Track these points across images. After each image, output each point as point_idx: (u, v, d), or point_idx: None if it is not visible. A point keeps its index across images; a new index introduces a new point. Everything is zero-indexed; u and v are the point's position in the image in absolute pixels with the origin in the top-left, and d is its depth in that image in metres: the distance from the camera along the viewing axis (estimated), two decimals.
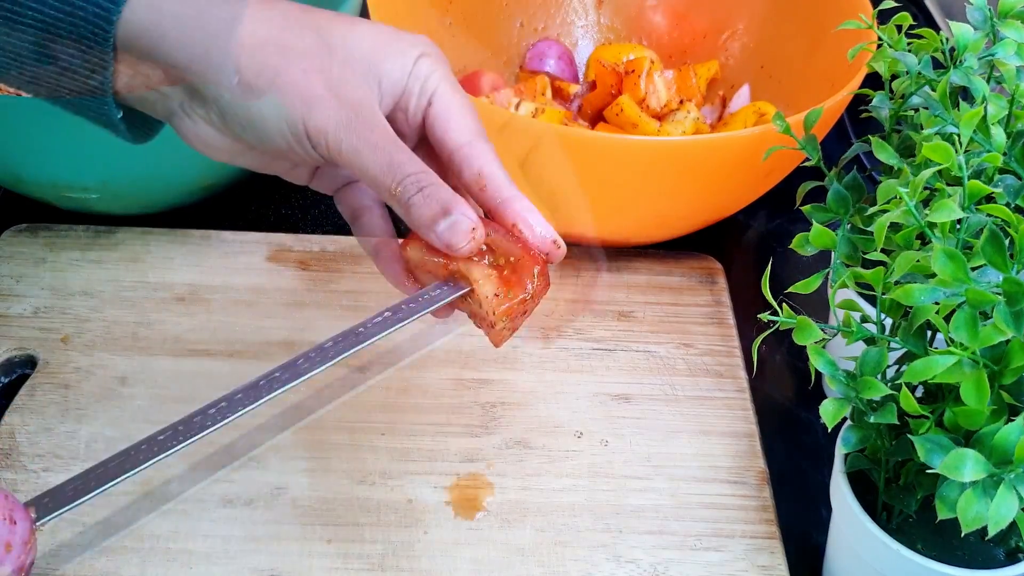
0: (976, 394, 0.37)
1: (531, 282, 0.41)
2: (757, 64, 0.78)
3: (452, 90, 0.42)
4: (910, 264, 0.38)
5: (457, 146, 0.42)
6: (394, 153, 0.40)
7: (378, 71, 0.41)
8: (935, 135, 0.46)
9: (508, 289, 0.41)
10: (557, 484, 0.55)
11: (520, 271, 0.41)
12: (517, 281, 0.41)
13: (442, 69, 0.42)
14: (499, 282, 0.41)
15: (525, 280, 0.41)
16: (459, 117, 0.42)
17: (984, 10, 0.49)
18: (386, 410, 0.58)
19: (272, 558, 0.50)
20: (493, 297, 0.41)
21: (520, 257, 0.41)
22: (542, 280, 0.42)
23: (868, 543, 0.44)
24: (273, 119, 0.39)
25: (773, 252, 0.72)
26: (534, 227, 0.42)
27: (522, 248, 0.41)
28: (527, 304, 0.41)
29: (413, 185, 0.40)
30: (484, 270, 0.41)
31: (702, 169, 0.58)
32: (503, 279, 0.41)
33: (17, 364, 0.60)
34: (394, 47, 0.42)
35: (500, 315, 0.41)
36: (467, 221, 0.40)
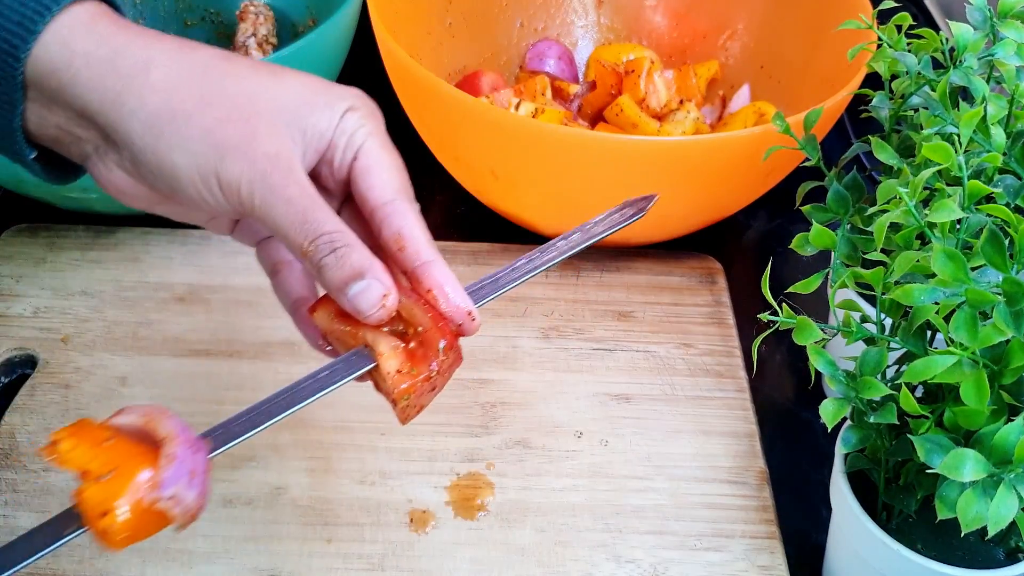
0: (976, 394, 0.37)
1: (436, 360, 0.38)
2: (757, 64, 0.78)
3: (380, 146, 0.41)
4: (910, 264, 0.38)
5: (379, 204, 0.40)
6: (309, 209, 0.38)
7: (302, 123, 0.39)
8: (935, 135, 0.46)
9: (413, 365, 0.38)
10: (557, 484, 0.55)
11: (427, 345, 0.38)
12: (423, 356, 0.38)
13: (371, 124, 0.41)
14: (404, 356, 0.38)
15: (430, 356, 0.38)
16: (383, 174, 0.40)
17: (984, 10, 0.49)
18: (386, 410, 0.57)
19: (272, 558, 0.50)
20: (395, 374, 0.38)
21: (429, 329, 0.39)
22: (451, 355, 0.39)
23: (868, 543, 0.44)
24: (184, 168, 0.37)
25: (773, 252, 0.72)
26: (448, 295, 0.39)
27: (432, 319, 0.39)
28: (434, 381, 0.39)
29: (327, 245, 0.38)
30: (391, 342, 0.39)
31: (702, 169, 0.58)
32: (409, 353, 0.38)
33: (17, 364, 0.60)
34: (321, 99, 0.40)
35: (402, 393, 0.38)
36: (379, 287, 0.38)
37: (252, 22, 0.76)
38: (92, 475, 0.34)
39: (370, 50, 0.67)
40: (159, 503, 0.35)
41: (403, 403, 0.38)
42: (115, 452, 0.35)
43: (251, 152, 0.37)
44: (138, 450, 0.35)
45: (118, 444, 0.35)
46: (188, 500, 0.36)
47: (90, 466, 0.34)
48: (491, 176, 0.63)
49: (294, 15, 0.79)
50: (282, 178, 0.38)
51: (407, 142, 0.74)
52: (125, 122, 0.37)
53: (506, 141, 0.59)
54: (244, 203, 0.38)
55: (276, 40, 0.77)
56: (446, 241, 0.69)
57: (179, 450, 0.35)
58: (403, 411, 0.39)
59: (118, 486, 0.34)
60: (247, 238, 0.45)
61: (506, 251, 0.68)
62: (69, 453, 0.35)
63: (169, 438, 0.36)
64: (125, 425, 0.37)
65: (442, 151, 0.67)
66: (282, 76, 0.40)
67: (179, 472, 0.35)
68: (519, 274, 0.43)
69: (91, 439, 0.35)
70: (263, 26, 0.76)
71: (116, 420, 0.37)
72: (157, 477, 0.35)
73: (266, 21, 0.76)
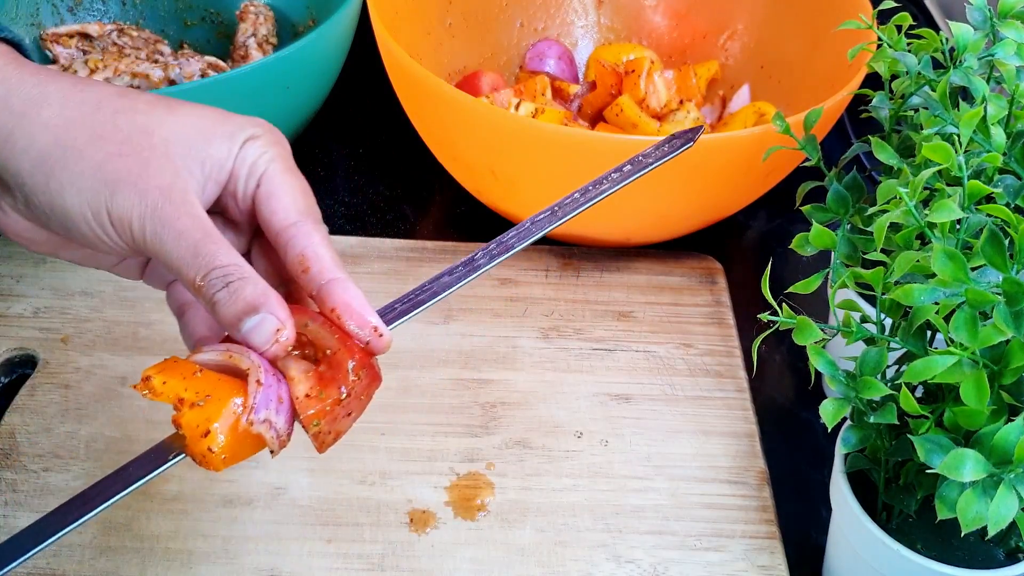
0: (976, 394, 0.37)
1: (345, 384, 0.37)
2: (757, 64, 0.78)
3: (283, 170, 0.40)
4: (910, 264, 0.38)
5: (282, 227, 0.39)
6: (202, 243, 0.37)
7: (200, 155, 0.38)
8: (935, 135, 0.46)
9: (322, 389, 0.37)
10: (557, 484, 0.55)
11: (336, 368, 0.38)
12: (332, 379, 0.38)
13: (274, 151, 0.40)
14: (315, 380, 0.38)
15: (340, 379, 0.38)
16: (285, 197, 0.40)
17: (984, 10, 0.49)
18: (386, 410, 0.58)
19: (272, 558, 0.50)
20: (304, 398, 0.37)
21: (337, 351, 0.38)
22: (365, 375, 0.38)
23: (868, 543, 0.44)
24: (76, 206, 0.37)
25: (773, 252, 0.72)
26: (354, 313, 0.38)
27: (340, 340, 0.38)
28: (348, 405, 0.38)
29: (220, 280, 0.37)
30: (301, 366, 0.38)
31: (702, 169, 0.58)
32: (319, 376, 0.38)
33: (17, 364, 0.60)
34: (220, 129, 0.39)
35: (311, 419, 0.37)
36: (273, 321, 0.37)
37: (252, 22, 0.76)
38: (187, 402, 0.36)
39: (370, 50, 0.67)
40: (254, 426, 0.36)
41: (314, 429, 0.38)
42: (205, 382, 0.37)
43: (142, 185, 0.37)
44: (227, 380, 0.37)
45: (206, 375, 0.37)
46: (279, 424, 0.37)
47: (184, 395, 0.36)
48: (491, 176, 0.63)
49: (294, 15, 0.79)
50: (174, 210, 0.37)
51: (407, 142, 0.75)
52: (16, 161, 0.37)
53: (506, 141, 0.59)
54: (136, 238, 0.37)
55: (276, 40, 0.77)
56: (446, 241, 0.69)
57: (266, 377, 0.37)
58: (316, 437, 0.38)
59: (214, 409, 0.36)
60: (156, 281, 0.44)
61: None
62: (163, 386, 0.36)
63: (254, 367, 0.37)
64: (208, 361, 0.38)
65: (442, 151, 0.67)
66: (178, 109, 0.39)
67: (268, 396, 0.36)
68: (538, 229, 0.43)
69: (181, 372, 0.37)
70: (263, 26, 0.76)
71: (198, 357, 0.38)
72: (249, 401, 0.36)
73: (266, 21, 0.76)
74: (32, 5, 0.77)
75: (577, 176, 0.59)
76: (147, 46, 0.75)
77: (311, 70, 0.66)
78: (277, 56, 0.62)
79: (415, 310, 0.41)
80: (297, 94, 0.66)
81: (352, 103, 0.83)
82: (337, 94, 0.72)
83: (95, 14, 0.79)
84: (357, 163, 0.78)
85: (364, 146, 0.80)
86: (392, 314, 0.40)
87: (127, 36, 0.76)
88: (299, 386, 0.37)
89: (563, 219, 0.43)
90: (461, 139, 0.63)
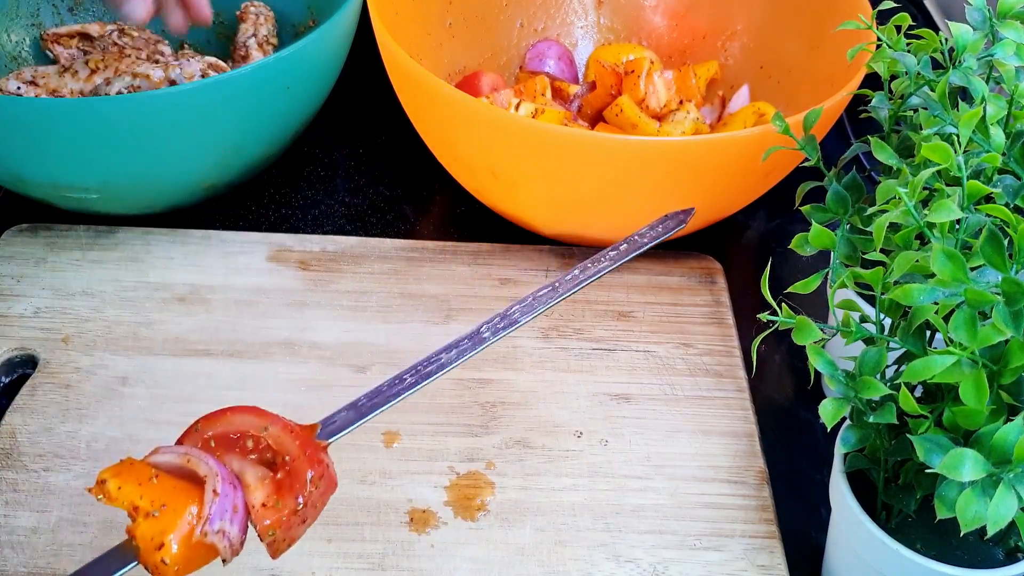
0: (975, 394, 0.37)
1: (302, 494, 0.38)
2: (757, 64, 0.78)
3: None
4: (909, 264, 0.38)
5: None
6: None
7: None
8: (934, 135, 0.46)
9: (279, 498, 0.38)
10: (557, 484, 0.55)
11: (294, 476, 0.38)
12: (289, 488, 0.38)
13: None
14: (272, 488, 0.38)
15: (297, 489, 0.38)
16: None
17: (983, 10, 0.49)
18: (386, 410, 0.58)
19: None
20: (260, 508, 0.37)
21: (296, 458, 0.38)
22: (322, 483, 0.38)
23: (867, 543, 0.44)
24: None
25: (773, 252, 0.72)
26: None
27: (299, 447, 0.38)
28: (305, 512, 0.38)
29: None
30: (258, 472, 0.38)
31: (702, 169, 0.59)
32: (276, 484, 0.38)
33: (18, 364, 0.60)
34: None
35: (266, 529, 0.37)
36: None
37: (252, 22, 0.76)
38: (142, 511, 0.36)
39: (370, 50, 0.67)
40: (208, 536, 0.36)
41: (269, 538, 0.38)
42: (161, 489, 0.37)
43: None
44: (182, 487, 0.37)
45: (162, 481, 0.37)
46: (233, 534, 0.37)
47: (140, 503, 0.36)
48: (491, 176, 0.63)
49: (294, 15, 0.79)
50: None
51: (407, 142, 0.75)
52: None
53: (506, 141, 0.59)
54: None
55: (276, 40, 0.78)
56: (446, 241, 0.69)
57: (222, 487, 0.37)
58: (271, 546, 0.38)
59: (169, 521, 0.36)
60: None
61: (506, 251, 0.69)
62: (118, 491, 0.36)
63: (211, 475, 0.37)
64: (165, 463, 0.38)
65: (442, 151, 0.67)
66: None
67: (224, 507, 0.37)
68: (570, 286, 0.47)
69: (136, 477, 0.37)
70: (263, 26, 0.76)
71: (155, 459, 0.38)
72: (204, 511, 0.36)
73: (266, 21, 0.76)
74: (32, 5, 0.77)
75: (577, 176, 0.59)
76: (148, 46, 0.75)
77: (311, 70, 0.67)
78: (277, 56, 0.62)
79: (423, 382, 0.43)
80: (297, 94, 0.66)
81: (352, 103, 0.83)
82: (337, 94, 0.72)
83: (95, 14, 0.79)
84: (357, 163, 0.78)
85: (364, 146, 0.80)
86: (402, 386, 0.42)
87: (128, 36, 0.76)
88: (255, 494, 0.38)
89: (564, 295, 0.46)
90: (461, 139, 0.63)
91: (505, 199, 0.66)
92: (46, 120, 0.57)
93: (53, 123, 0.57)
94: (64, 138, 0.58)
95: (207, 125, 0.62)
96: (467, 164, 0.65)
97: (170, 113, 0.59)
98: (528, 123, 0.59)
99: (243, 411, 0.40)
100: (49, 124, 0.57)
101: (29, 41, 0.76)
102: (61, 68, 0.69)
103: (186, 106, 0.60)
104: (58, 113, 0.57)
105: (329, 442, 0.40)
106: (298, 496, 0.38)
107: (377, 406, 0.42)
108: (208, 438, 0.39)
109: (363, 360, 0.60)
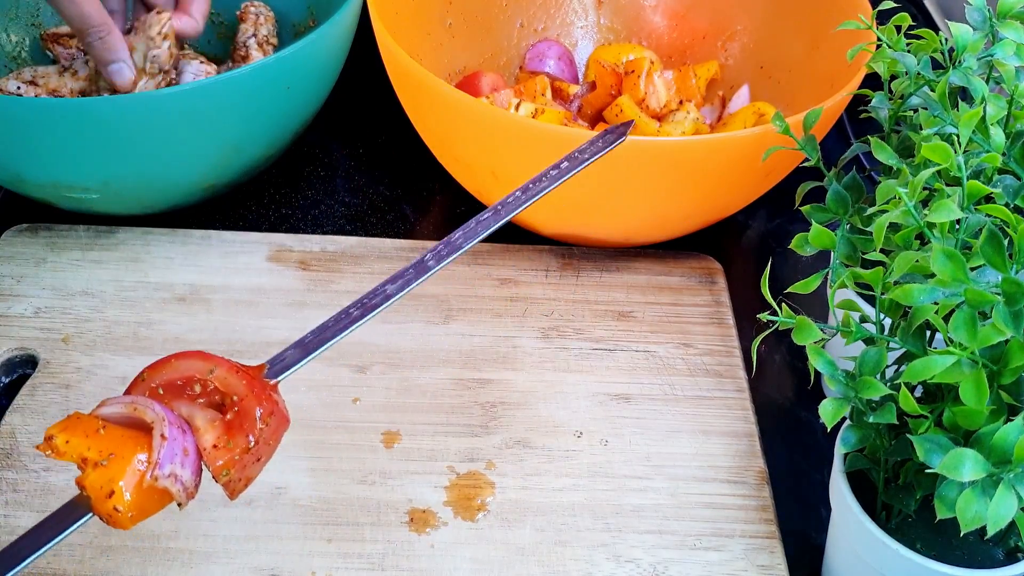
0: (975, 394, 0.37)
1: (253, 432, 0.37)
2: (757, 64, 0.78)
3: None
4: (909, 264, 0.38)
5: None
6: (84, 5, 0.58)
7: None
8: (934, 135, 0.46)
9: (230, 438, 0.37)
10: (557, 484, 0.55)
11: (244, 415, 0.38)
12: (239, 427, 0.38)
13: None
14: (222, 430, 0.38)
15: (247, 427, 0.38)
16: None
17: (983, 11, 0.49)
18: (386, 410, 0.58)
19: (272, 558, 0.50)
20: (212, 449, 0.37)
21: (244, 397, 0.38)
22: (273, 420, 0.38)
23: (867, 543, 0.44)
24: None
25: (773, 252, 0.72)
26: None
27: (247, 386, 0.38)
28: (259, 450, 0.38)
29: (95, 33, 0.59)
30: (207, 415, 0.38)
31: (702, 169, 0.59)
32: (226, 425, 0.38)
33: (18, 364, 0.60)
34: None
35: (220, 469, 0.37)
36: (128, 71, 0.62)
37: (253, 22, 0.76)
38: (91, 461, 0.36)
39: (370, 50, 0.67)
40: (159, 481, 0.36)
41: (224, 478, 0.38)
42: (109, 439, 0.37)
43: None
44: (131, 435, 0.37)
45: (110, 432, 0.37)
46: (185, 477, 0.37)
47: (88, 454, 0.36)
48: (491, 176, 0.63)
49: (294, 15, 0.79)
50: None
51: (407, 142, 0.75)
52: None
53: (506, 141, 0.59)
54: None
55: (276, 40, 0.77)
56: None
57: (170, 431, 0.37)
58: (227, 486, 0.38)
59: (118, 468, 0.36)
60: None
61: (506, 251, 0.69)
62: (65, 445, 0.36)
63: (158, 420, 0.37)
64: (112, 415, 0.38)
65: (442, 151, 0.67)
66: None
67: (173, 450, 0.37)
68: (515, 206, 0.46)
69: (84, 430, 0.37)
70: (264, 26, 0.76)
71: (102, 411, 0.38)
72: (153, 456, 0.36)
73: (266, 21, 0.76)
74: (32, 5, 0.77)
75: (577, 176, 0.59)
76: None
77: (311, 70, 0.67)
78: (277, 56, 0.62)
79: (369, 315, 0.42)
80: (297, 94, 0.66)
81: (352, 103, 0.83)
82: (337, 94, 0.72)
83: None
84: (357, 163, 0.78)
85: (364, 146, 0.80)
86: (347, 320, 0.41)
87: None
88: (206, 436, 0.37)
89: (506, 217, 0.46)
90: (461, 139, 0.63)
91: None
92: (46, 120, 0.57)
93: (53, 123, 0.57)
94: (64, 138, 0.58)
95: (207, 125, 0.62)
96: (467, 164, 0.65)
97: (170, 113, 0.59)
98: (528, 123, 0.59)
99: (188, 356, 0.40)
100: (49, 124, 0.57)
101: (29, 41, 0.76)
102: (61, 68, 0.69)
103: (186, 106, 0.60)
104: (58, 113, 0.57)
105: (277, 380, 0.40)
106: (249, 435, 0.38)
107: (324, 341, 0.41)
108: (155, 387, 0.39)
109: (363, 360, 0.60)
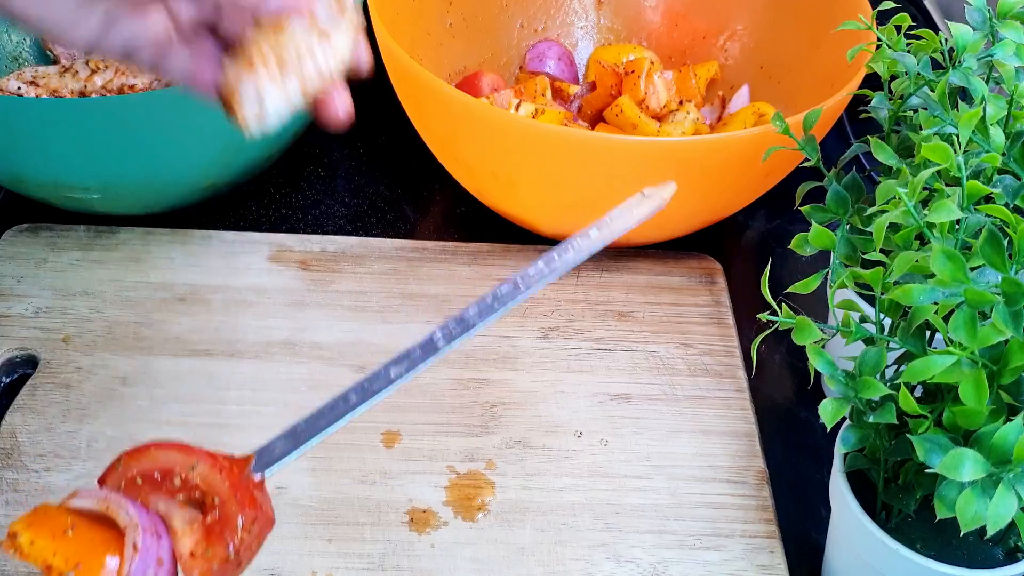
0: (975, 394, 0.37)
1: (234, 541, 0.35)
2: (757, 64, 0.78)
3: None
4: (909, 264, 0.38)
5: None
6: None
7: None
8: (934, 135, 0.46)
9: (209, 545, 0.35)
10: (557, 484, 0.55)
11: (225, 521, 0.35)
12: (219, 534, 0.35)
13: None
14: (201, 535, 0.35)
15: (228, 535, 0.35)
16: None
17: (983, 11, 0.49)
18: (386, 410, 0.58)
19: (272, 558, 0.50)
20: (188, 558, 0.34)
21: (227, 501, 0.35)
22: (256, 526, 0.35)
23: (867, 542, 0.44)
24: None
25: (773, 252, 0.72)
26: None
27: (230, 488, 0.35)
28: (240, 557, 0.35)
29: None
30: (186, 516, 0.35)
31: (702, 169, 0.59)
32: (206, 530, 0.35)
33: (18, 364, 0.60)
34: None
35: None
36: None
37: None
38: (56, 570, 0.33)
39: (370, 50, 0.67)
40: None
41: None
42: (77, 543, 0.33)
43: None
44: (101, 538, 0.34)
45: (79, 533, 0.34)
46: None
47: (53, 561, 0.33)
48: (491, 177, 0.63)
49: None
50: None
51: (407, 142, 0.75)
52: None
53: (506, 142, 0.59)
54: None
55: None
56: (447, 241, 0.69)
57: (142, 540, 0.34)
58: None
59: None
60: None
61: (506, 251, 0.69)
62: (30, 547, 0.33)
63: (131, 527, 0.34)
64: (82, 508, 0.35)
65: (443, 152, 0.67)
66: None
67: (146, 562, 0.34)
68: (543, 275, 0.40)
69: (51, 529, 0.33)
70: None
71: (74, 503, 0.35)
72: (124, 568, 0.33)
73: None
74: None
75: (577, 176, 0.59)
76: None
77: None
78: None
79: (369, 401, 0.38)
80: None
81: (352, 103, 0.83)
82: None
83: None
84: (357, 163, 0.78)
85: (364, 146, 0.80)
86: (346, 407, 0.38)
87: None
88: (183, 541, 0.35)
89: (526, 292, 0.40)
90: (461, 140, 0.63)
91: (505, 199, 0.66)
92: (46, 120, 0.57)
93: (53, 123, 0.57)
94: (64, 138, 0.58)
95: (207, 125, 0.62)
96: (467, 164, 0.65)
97: (170, 113, 0.59)
98: (528, 123, 0.59)
99: (168, 447, 0.37)
100: (49, 124, 0.57)
101: (29, 41, 0.76)
102: (61, 68, 0.69)
103: (186, 106, 0.59)
104: (58, 113, 0.57)
105: (264, 477, 0.37)
106: (229, 544, 0.35)
107: (318, 430, 0.37)
108: (133, 476, 0.36)
109: (363, 360, 0.60)
